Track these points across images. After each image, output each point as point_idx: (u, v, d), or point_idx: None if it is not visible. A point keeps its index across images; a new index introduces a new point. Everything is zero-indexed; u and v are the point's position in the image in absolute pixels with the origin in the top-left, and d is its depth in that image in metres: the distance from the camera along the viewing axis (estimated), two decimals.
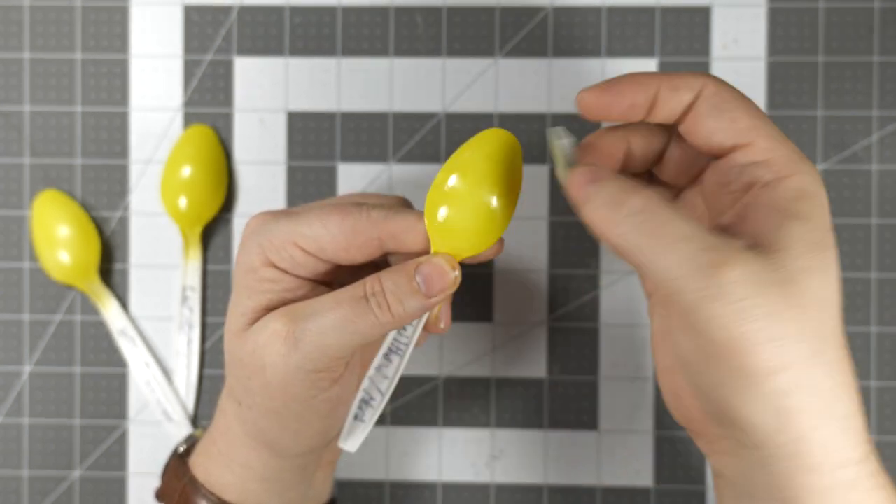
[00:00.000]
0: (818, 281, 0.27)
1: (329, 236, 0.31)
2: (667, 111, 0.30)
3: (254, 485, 0.34)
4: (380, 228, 0.31)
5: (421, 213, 0.31)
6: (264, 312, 0.32)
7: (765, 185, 0.29)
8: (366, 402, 0.33)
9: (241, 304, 0.32)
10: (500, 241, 0.32)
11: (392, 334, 0.33)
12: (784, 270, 0.27)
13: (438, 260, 0.31)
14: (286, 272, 0.32)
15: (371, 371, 0.33)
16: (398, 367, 0.33)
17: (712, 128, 0.30)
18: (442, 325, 0.34)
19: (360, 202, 0.32)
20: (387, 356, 0.33)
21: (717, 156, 0.30)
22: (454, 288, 0.31)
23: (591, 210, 0.29)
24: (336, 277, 0.33)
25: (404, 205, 0.34)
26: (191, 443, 0.37)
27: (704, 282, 0.27)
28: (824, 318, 0.27)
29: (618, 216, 0.28)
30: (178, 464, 0.35)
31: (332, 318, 0.30)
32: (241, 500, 0.34)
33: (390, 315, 0.30)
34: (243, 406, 0.33)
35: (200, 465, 0.35)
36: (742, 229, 0.28)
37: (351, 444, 0.34)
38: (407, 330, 0.32)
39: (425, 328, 0.33)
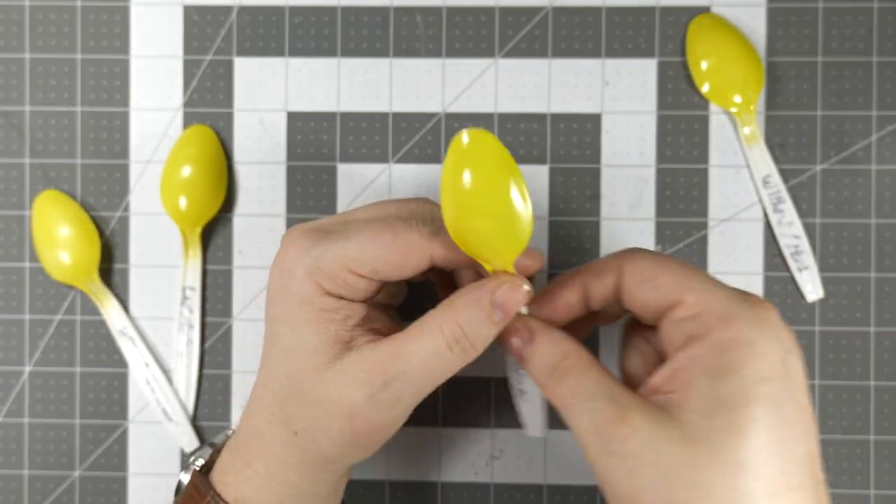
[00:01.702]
0: (728, 442, 0.26)
1: (382, 259, 0.31)
2: (600, 297, 0.32)
3: (290, 501, 0.34)
4: (431, 247, 0.31)
5: None
6: (335, 347, 0.31)
7: (694, 339, 0.29)
8: (522, 392, 0.34)
9: (307, 341, 0.31)
10: (539, 256, 0.33)
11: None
12: (683, 429, 0.27)
13: (509, 284, 0.30)
14: (341, 298, 0.31)
15: (509, 369, 0.34)
16: None
17: (642, 299, 0.31)
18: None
19: (405, 217, 0.32)
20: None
21: (659, 319, 0.31)
22: (529, 300, 0.31)
23: (529, 369, 0.32)
24: (386, 287, 0.34)
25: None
26: (206, 457, 0.37)
27: (600, 438, 0.28)
28: (736, 483, 0.26)
29: (542, 378, 0.31)
30: (200, 481, 0.35)
31: (422, 376, 0.30)
32: None
33: (475, 353, 0.31)
34: (303, 437, 0.32)
35: (230, 485, 0.34)
36: (674, 393, 0.28)
37: (538, 428, 0.34)
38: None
39: None
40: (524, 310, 0.32)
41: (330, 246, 0.31)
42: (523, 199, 0.30)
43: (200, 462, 0.36)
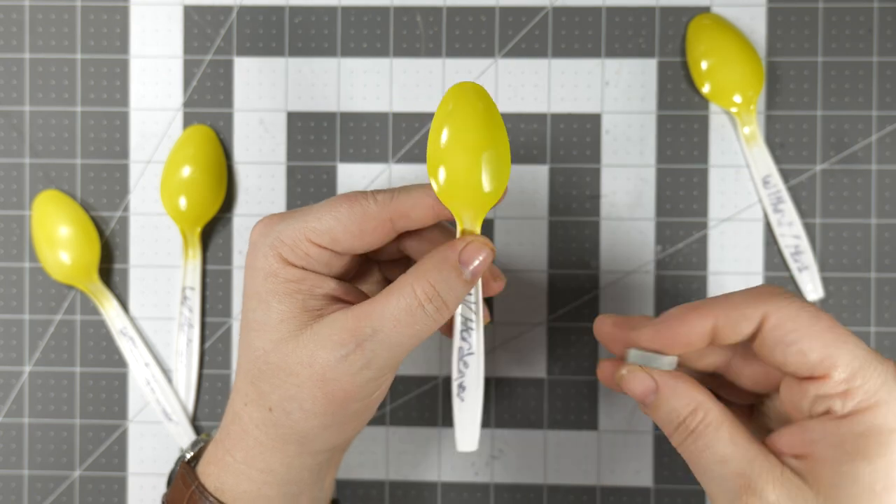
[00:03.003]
0: None
1: (340, 226, 0.31)
2: (729, 341, 0.30)
3: (271, 490, 0.34)
4: (389, 209, 0.31)
5: (425, 185, 0.32)
6: (302, 316, 0.31)
7: (836, 416, 0.28)
8: (462, 388, 0.33)
9: (274, 311, 0.32)
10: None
11: (458, 320, 0.33)
12: None
13: (475, 243, 0.31)
14: (304, 269, 0.32)
15: (454, 359, 0.33)
16: (478, 342, 0.33)
17: (781, 360, 0.29)
18: (499, 284, 0.35)
19: (365, 191, 0.32)
20: (463, 338, 0.33)
21: (795, 380, 0.29)
22: (492, 259, 0.32)
23: (655, 420, 0.31)
24: (351, 266, 0.34)
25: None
26: (197, 449, 0.37)
27: None
28: None
29: (670, 433, 0.30)
30: (187, 472, 0.35)
31: (396, 335, 0.30)
32: None
33: (448, 312, 0.31)
34: (277, 411, 0.32)
35: (212, 475, 0.34)
36: (807, 461, 0.28)
37: (469, 440, 0.33)
38: (470, 306, 0.33)
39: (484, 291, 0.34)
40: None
41: (292, 220, 0.32)
42: (501, 152, 0.32)
43: (190, 454, 0.37)
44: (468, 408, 0.33)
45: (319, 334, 0.31)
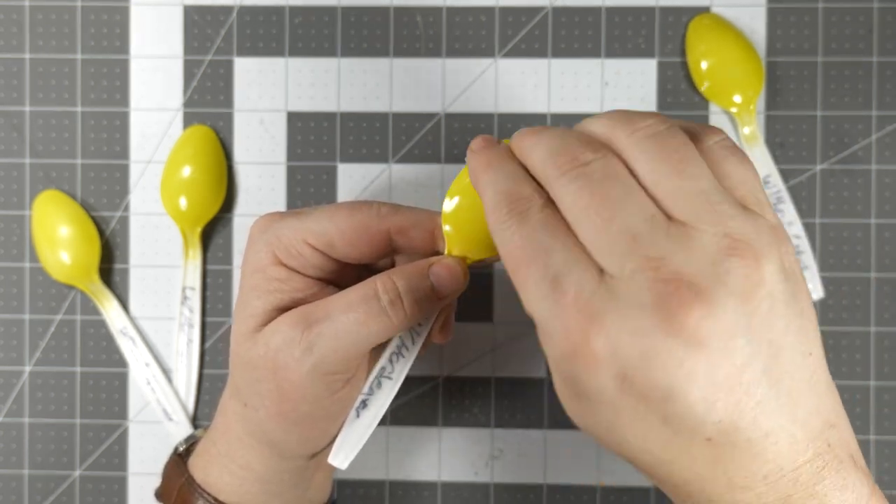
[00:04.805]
0: None
1: (338, 231, 0.31)
2: None
3: (252, 486, 0.34)
4: (388, 223, 0.31)
5: (429, 211, 0.32)
6: (274, 314, 0.32)
7: None
8: (364, 405, 0.33)
9: (249, 305, 0.32)
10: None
11: (395, 340, 0.32)
12: None
13: (450, 261, 0.31)
14: (295, 271, 0.32)
15: (372, 375, 0.32)
16: (401, 371, 0.32)
17: None
18: (444, 335, 0.34)
19: (370, 201, 0.32)
20: (390, 360, 0.33)
21: None
22: (462, 290, 0.31)
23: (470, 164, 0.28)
24: (344, 278, 0.33)
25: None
26: (191, 443, 0.37)
27: (499, 210, 0.27)
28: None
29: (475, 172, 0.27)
30: (177, 463, 0.36)
31: (345, 322, 0.30)
32: (239, 502, 0.34)
33: (403, 314, 0.30)
34: (249, 407, 0.32)
35: (199, 466, 0.35)
36: None
37: (342, 457, 0.32)
38: (413, 335, 0.33)
39: (428, 337, 0.33)
40: None
41: (293, 219, 0.32)
42: None
43: (183, 447, 0.37)
44: (359, 427, 0.32)
45: (278, 323, 0.31)
